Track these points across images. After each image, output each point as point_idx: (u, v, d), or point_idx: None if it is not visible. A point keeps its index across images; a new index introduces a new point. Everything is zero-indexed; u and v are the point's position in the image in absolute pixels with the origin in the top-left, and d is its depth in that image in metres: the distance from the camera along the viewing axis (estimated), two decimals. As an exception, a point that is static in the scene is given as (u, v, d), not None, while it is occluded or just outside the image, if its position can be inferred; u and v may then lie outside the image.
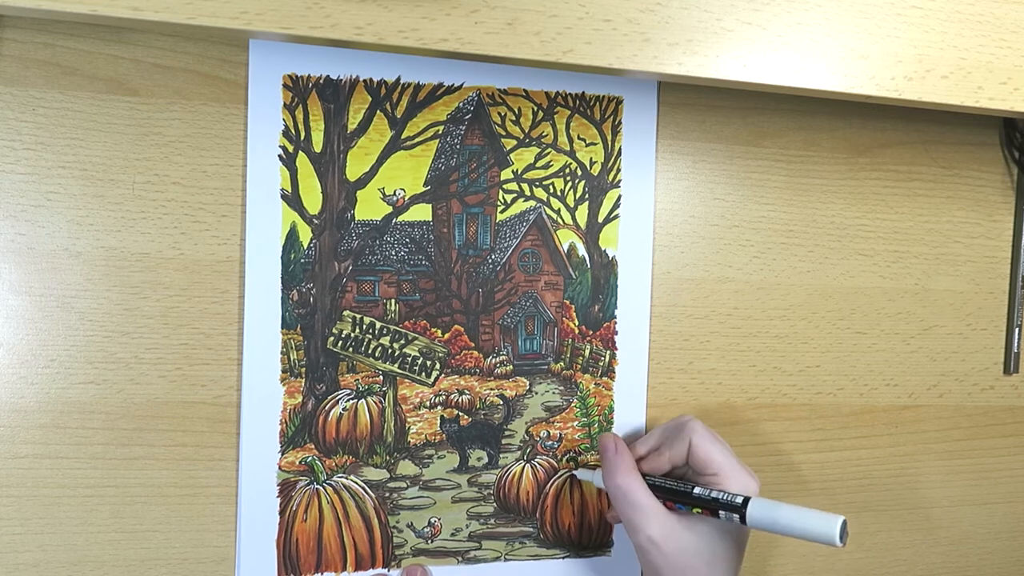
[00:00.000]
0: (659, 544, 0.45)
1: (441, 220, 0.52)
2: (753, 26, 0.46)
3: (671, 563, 0.45)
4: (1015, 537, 0.63)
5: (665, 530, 0.45)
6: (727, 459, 0.47)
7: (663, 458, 0.48)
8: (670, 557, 0.45)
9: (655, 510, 0.46)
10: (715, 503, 0.45)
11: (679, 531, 0.46)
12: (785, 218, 0.57)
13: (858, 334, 0.59)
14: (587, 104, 0.53)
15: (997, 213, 0.61)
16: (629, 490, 0.47)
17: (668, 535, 0.45)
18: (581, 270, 0.54)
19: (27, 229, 0.47)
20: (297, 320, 0.50)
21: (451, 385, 0.53)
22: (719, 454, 0.47)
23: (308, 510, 0.51)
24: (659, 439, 0.50)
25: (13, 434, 0.47)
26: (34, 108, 0.47)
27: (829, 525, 0.41)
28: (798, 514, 0.43)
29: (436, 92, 0.51)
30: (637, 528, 0.46)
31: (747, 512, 0.44)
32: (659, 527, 0.46)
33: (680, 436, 0.48)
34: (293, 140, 0.49)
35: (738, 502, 0.44)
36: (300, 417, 0.50)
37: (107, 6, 0.39)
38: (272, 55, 0.49)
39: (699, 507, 0.45)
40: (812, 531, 0.42)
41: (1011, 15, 0.49)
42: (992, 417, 0.62)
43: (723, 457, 0.47)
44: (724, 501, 0.45)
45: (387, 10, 0.41)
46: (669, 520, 0.46)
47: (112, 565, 0.49)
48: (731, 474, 0.46)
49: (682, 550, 0.45)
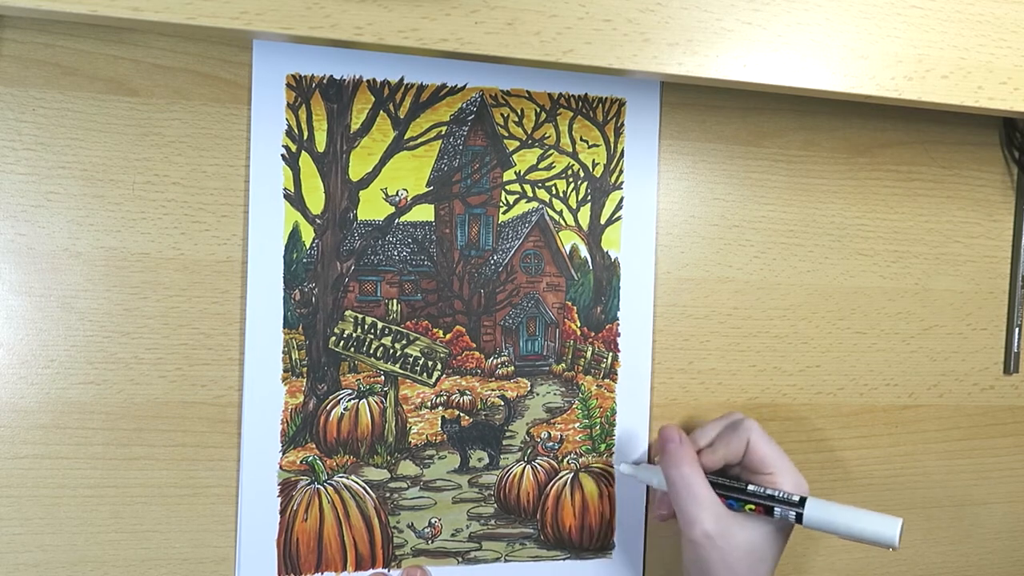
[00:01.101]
0: (714, 538, 0.46)
1: (443, 221, 0.52)
2: (753, 26, 0.46)
3: (724, 559, 0.46)
4: (1015, 537, 0.63)
5: (721, 526, 0.46)
6: (782, 459, 0.48)
7: (718, 455, 0.49)
8: (724, 552, 0.46)
9: (714, 505, 0.46)
10: (772, 500, 0.45)
11: (734, 528, 0.46)
12: (785, 218, 0.57)
13: (858, 334, 0.59)
14: (590, 106, 0.53)
15: (997, 213, 0.61)
16: (692, 481, 0.47)
17: (724, 531, 0.46)
18: (583, 271, 0.54)
19: (27, 229, 0.47)
20: (299, 320, 0.50)
21: (452, 386, 0.53)
22: (776, 455, 0.48)
23: (309, 510, 0.51)
24: (712, 436, 0.50)
25: (13, 434, 0.47)
26: (34, 108, 0.47)
27: (888, 527, 0.41)
28: (855, 515, 0.43)
29: (439, 93, 0.51)
30: (694, 521, 0.46)
31: (804, 511, 0.44)
32: (715, 521, 0.46)
33: (737, 434, 0.48)
34: (296, 140, 0.49)
35: (795, 499, 0.45)
36: (301, 417, 0.50)
37: (107, 6, 0.39)
38: (275, 55, 0.49)
39: (754, 504, 0.46)
40: (870, 533, 0.42)
41: (1011, 15, 0.49)
42: (992, 417, 0.62)
43: (779, 457, 0.48)
44: (782, 498, 0.45)
45: (387, 10, 0.41)
46: (726, 516, 0.46)
47: (112, 565, 0.49)
48: (786, 474, 0.47)
49: (735, 546, 0.46)
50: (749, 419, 0.49)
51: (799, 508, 0.45)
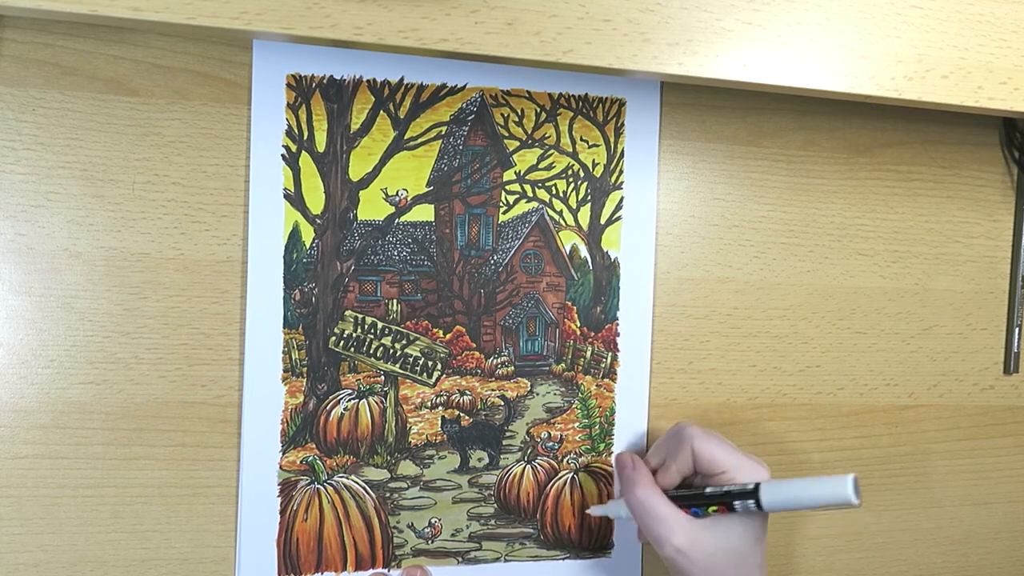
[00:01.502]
0: (687, 552, 0.45)
1: (443, 221, 0.52)
2: (753, 26, 0.46)
3: (703, 569, 0.46)
4: (1015, 537, 0.63)
5: (691, 537, 0.46)
6: (731, 455, 0.47)
7: (671, 472, 0.48)
8: (700, 563, 0.45)
9: (678, 520, 0.46)
10: (728, 496, 0.45)
11: (704, 536, 0.46)
12: (785, 218, 0.57)
13: (858, 334, 0.59)
14: (590, 106, 0.53)
15: (997, 213, 0.61)
16: (650, 503, 0.47)
17: (694, 542, 0.46)
18: (583, 272, 0.54)
19: (27, 229, 0.47)
20: (299, 320, 0.50)
21: (452, 386, 0.53)
22: (722, 451, 0.47)
23: (309, 510, 0.51)
24: (663, 454, 0.50)
25: (13, 434, 0.47)
26: (34, 108, 0.47)
27: (841, 486, 0.42)
28: (809, 484, 0.43)
29: (439, 93, 0.51)
30: (663, 540, 0.46)
31: (760, 496, 0.44)
32: (684, 535, 0.46)
33: (681, 445, 0.48)
34: (296, 140, 0.49)
35: (750, 488, 0.45)
36: (301, 417, 0.50)
37: (107, 6, 0.39)
38: (276, 55, 0.49)
39: (714, 505, 0.46)
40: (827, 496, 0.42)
41: (1011, 15, 0.49)
42: (992, 417, 0.62)
43: (727, 454, 0.47)
44: (736, 491, 0.45)
45: (387, 10, 0.41)
46: (693, 527, 0.46)
47: (112, 565, 0.49)
48: (739, 467, 0.47)
49: (709, 553, 0.46)
50: (690, 426, 0.48)
51: (755, 494, 0.44)
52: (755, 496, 0.44)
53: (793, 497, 0.43)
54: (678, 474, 0.48)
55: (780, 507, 0.44)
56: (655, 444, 0.51)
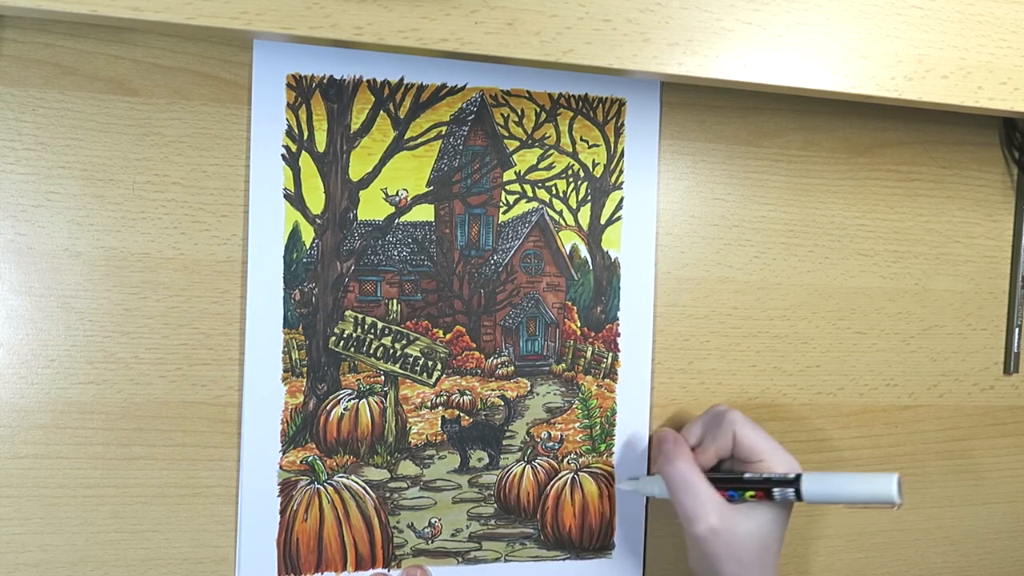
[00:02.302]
0: (720, 533, 0.46)
1: (443, 221, 0.52)
2: (753, 26, 0.46)
3: (731, 551, 0.46)
4: (1015, 537, 0.63)
5: (725, 519, 0.46)
6: (771, 444, 0.48)
7: (708, 452, 0.49)
8: (731, 545, 0.46)
9: (714, 500, 0.46)
10: (769, 482, 0.46)
11: (738, 519, 0.46)
12: (785, 218, 0.57)
13: (858, 334, 0.59)
14: (590, 106, 0.53)
15: (997, 213, 0.61)
16: (690, 478, 0.47)
17: (728, 524, 0.46)
18: (583, 272, 0.54)
19: (27, 229, 0.47)
20: (299, 320, 0.50)
21: (452, 386, 0.53)
22: (763, 440, 0.48)
23: (309, 510, 0.51)
24: (700, 434, 0.50)
25: (13, 434, 0.47)
26: (34, 108, 0.47)
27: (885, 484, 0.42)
28: (851, 479, 0.44)
29: (439, 93, 0.51)
30: (698, 518, 0.46)
31: (801, 485, 0.44)
32: (719, 516, 0.46)
33: (722, 428, 0.48)
34: (296, 140, 0.49)
35: (792, 477, 0.45)
36: (301, 417, 0.50)
37: (107, 6, 0.39)
38: (276, 55, 0.49)
39: (752, 490, 0.46)
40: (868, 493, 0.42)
41: (1011, 15, 0.49)
42: (992, 417, 0.62)
43: (767, 443, 0.48)
44: (777, 479, 0.46)
45: (387, 10, 0.41)
46: (727, 510, 0.46)
47: (112, 565, 0.49)
48: (777, 458, 0.47)
49: (741, 538, 0.46)
50: (732, 411, 0.49)
51: (796, 483, 0.45)
52: (796, 486, 0.45)
53: (835, 491, 0.44)
54: (715, 456, 0.49)
55: (819, 499, 0.44)
56: (690, 424, 0.51)
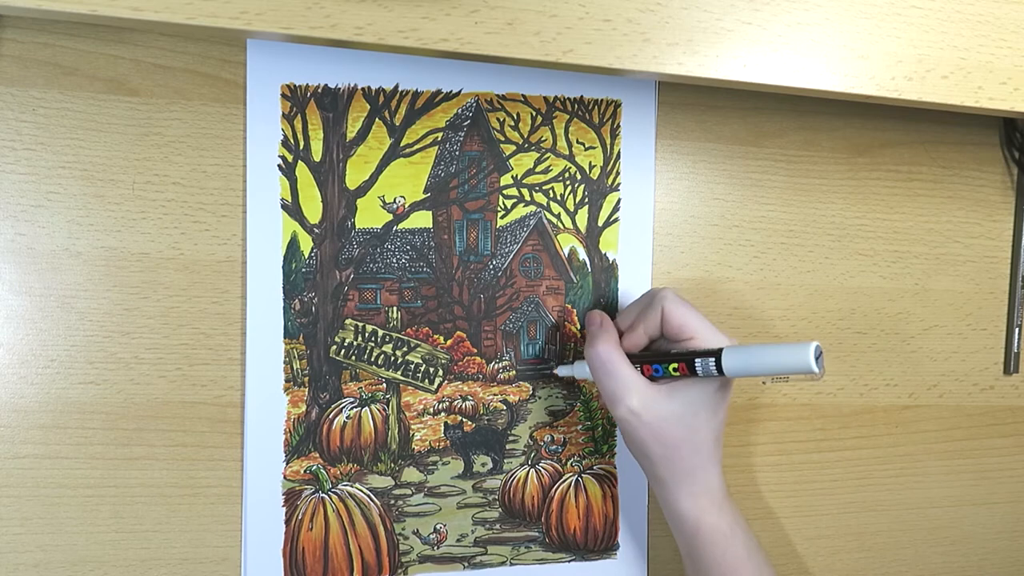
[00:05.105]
0: (640, 414, 0.45)
1: (441, 227, 0.52)
2: (753, 26, 0.46)
3: (653, 433, 0.45)
4: (1015, 537, 0.63)
5: (646, 400, 0.45)
6: (701, 322, 0.46)
7: (638, 332, 0.48)
8: (652, 426, 0.45)
9: (636, 381, 0.46)
10: (692, 354, 0.44)
11: (659, 399, 0.45)
12: (785, 218, 0.57)
13: (858, 334, 0.59)
14: (585, 108, 0.53)
15: (997, 213, 0.61)
16: (609, 360, 0.46)
17: (648, 405, 0.45)
18: (582, 274, 0.54)
19: (27, 229, 0.47)
20: (299, 329, 0.50)
21: (454, 391, 0.52)
22: (692, 318, 0.46)
23: (314, 519, 0.51)
24: (635, 315, 0.49)
25: (13, 434, 0.47)
26: (34, 108, 0.47)
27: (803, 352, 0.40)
28: (771, 350, 0.42)
29: (434, 99, 0.51)
30: (618, 399, 0.46)
31: (723, 358, 0.43)
32: (639, 397, 0.45)
33: (651, 306, 0.47)
34: (292, 150, 0.49)
35: (713, 349, 0.44)
36: (304, 426, 0.50)
37: (107, 6, 0.39)
38: (270, 64, 0.48)
39: (675, 363, 0.45)
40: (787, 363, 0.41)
41: (1011, 15, 0.49)
42: (992, 417, 0.62)
43: (697, 320, 0.46)
44: (699, 351, 0.44)
45: (387, 10, 0.41)
46: (649, 390, 0.45)
47: (112, 565, 0.49)
48: (707, 336, 0.46)
49: (663, 418, 0.45)
50: (666, 289, 0.48)
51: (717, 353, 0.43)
52: (717, 357, 0.43)
53: (755, 362, 0.42)
54: (645, 336, 0.48)
55: (740, 372, 0.43)
56: (627, 306, 0.51)
